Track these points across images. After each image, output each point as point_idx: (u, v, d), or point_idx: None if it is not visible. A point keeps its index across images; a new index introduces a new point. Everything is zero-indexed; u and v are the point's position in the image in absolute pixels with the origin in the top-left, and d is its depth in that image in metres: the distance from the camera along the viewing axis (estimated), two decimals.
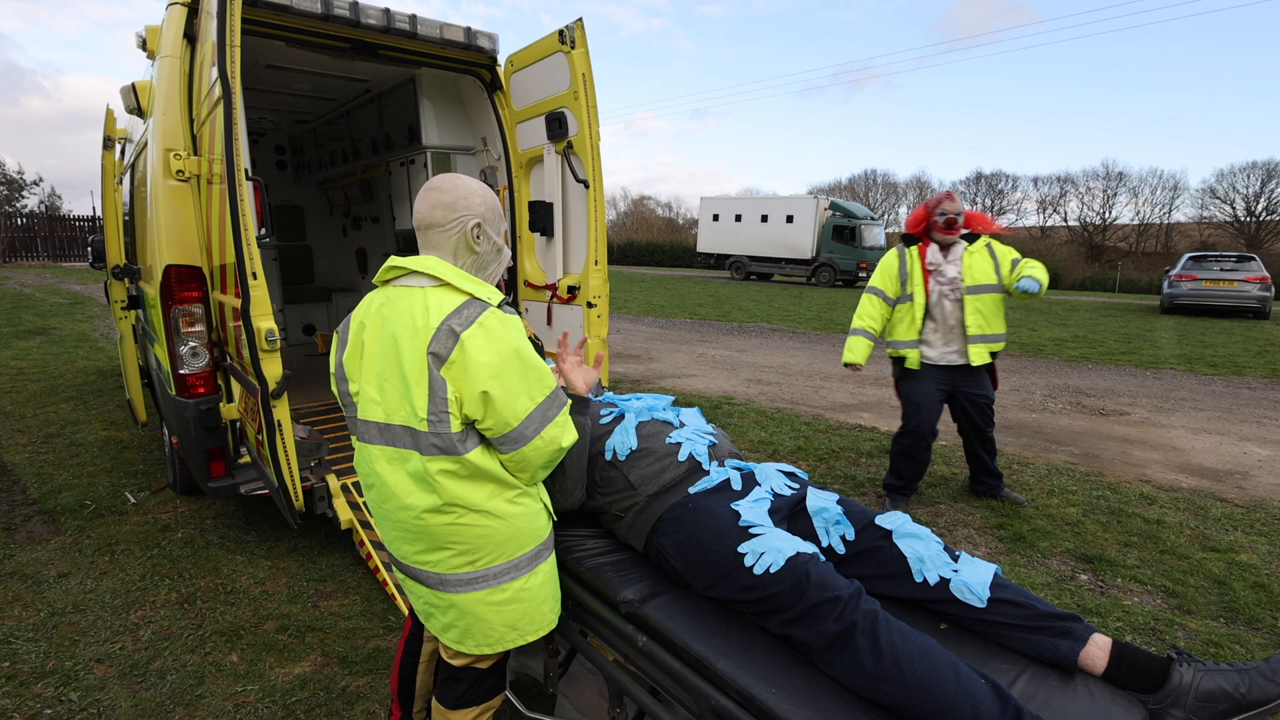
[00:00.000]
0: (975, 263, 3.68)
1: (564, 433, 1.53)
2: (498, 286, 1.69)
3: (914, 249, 3.81)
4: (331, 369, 1.62)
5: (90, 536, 3.53)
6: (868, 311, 3.92)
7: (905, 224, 3.90)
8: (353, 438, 1.60)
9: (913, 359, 3.84)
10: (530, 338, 1.63)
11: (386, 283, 1.55)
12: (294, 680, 2.43)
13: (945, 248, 3.76)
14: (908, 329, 3.83)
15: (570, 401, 1.57)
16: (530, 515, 1.56)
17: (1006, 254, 3.71)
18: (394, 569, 1.65)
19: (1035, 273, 3.55)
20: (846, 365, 3.98)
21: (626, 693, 1.54)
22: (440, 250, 1.53)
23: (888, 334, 3.96)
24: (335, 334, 1.62)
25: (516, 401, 1.42)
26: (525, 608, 1.56)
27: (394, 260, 1.51)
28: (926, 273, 3.74)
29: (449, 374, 1.39)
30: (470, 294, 1.45)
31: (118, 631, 2.72)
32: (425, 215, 1.52)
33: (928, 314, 3.78)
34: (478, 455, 1.46)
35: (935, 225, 3.72)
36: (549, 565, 1.63)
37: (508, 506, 1.51)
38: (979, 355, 3.74)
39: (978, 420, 3.92)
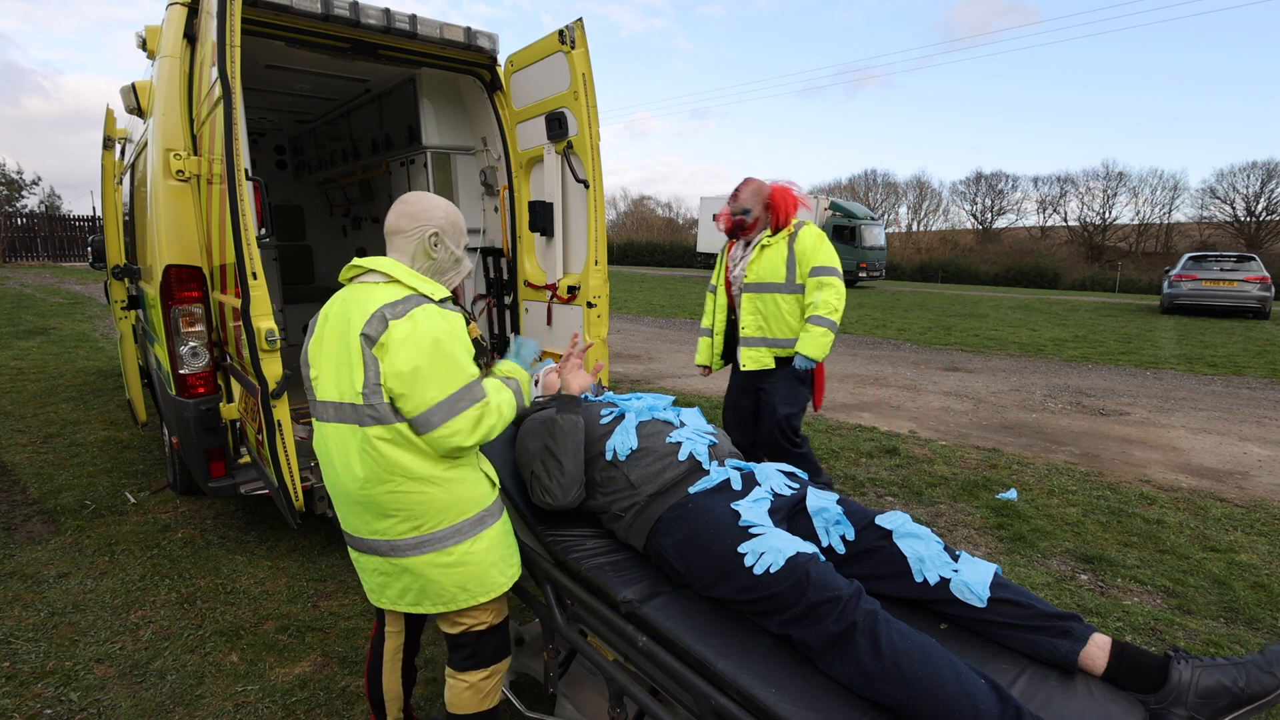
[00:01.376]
0: (766, 257, 3.24)
1: (472, 428, 1.58)
2: (497, 286, 1.72)
3: (729, 244, 3.55)
4: (301, 357, 1.76)
5: (90, 536, 3.53)
6: (706, 309, 3.70)
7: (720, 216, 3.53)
8: (313, 420, 1.72)
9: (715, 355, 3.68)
10: (475, 338, 1.77)
11: (351, 280, 1.70)
12: (294, 680, 2.44)
13: (748, 242, 3.40)
14: (712, 323, 3.61)
15: (486, 400, 1.62)
16: (469, 483, 1.65)
17: (811, 255, 3.18)
18: (349, 550, 1.76)
19: (808, 347, 3.13)
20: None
21: (626, 693, 1.54)
22: (401, 254, 1.70)
23: None
24: (306, 327, 1.77)
25: (427, 390, 1.53)
26: (473, 570, 1.66)
27: (355, 261, 1.69)
28: (727, 269, 3.49)
29: (379, 353, 1.53)
30: (414, 289, 1.61)
31: (118, 631, 2.72)
32: (393, 223, 1.70)
33: (730, 311, 3.51)
34: (407, 427, 1.57)
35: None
36: (495, 531, 1.71)
37: (444, 474, 1.60)
38: (751, 359, 3.33)
39: (770, 434, 3.40)
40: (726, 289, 3.48)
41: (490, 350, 4.37)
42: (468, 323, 1.73)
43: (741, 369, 3.41)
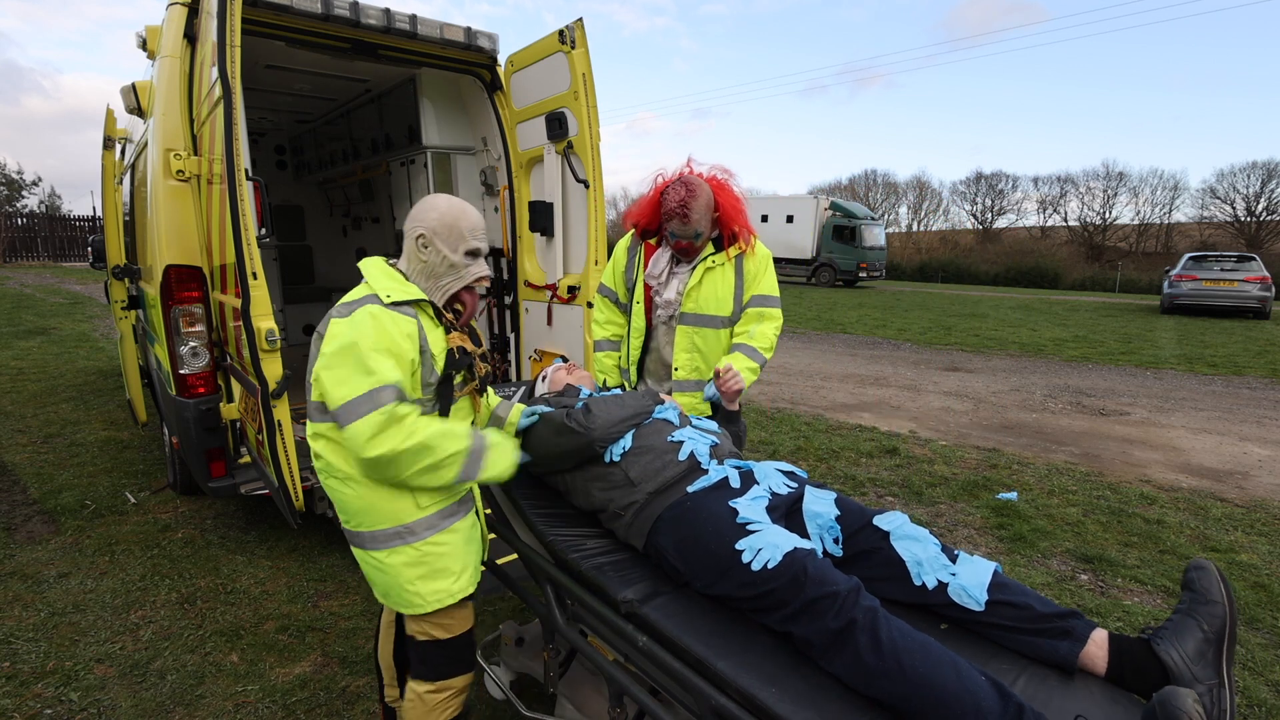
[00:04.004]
0: (710, 283, 2.52)
1: (371, 434, 1.48)
2: (497, 286, 1.67)
3: (643, 247, 2.69)
4: None
5: (90, 536, 3.53)
6: (604, 316, 2.83)
7: (632, 212, 2.67)
8: None
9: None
10: (455, 348, 1.67)
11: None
12: (294, 680, 2.44)
13: (679, 256, 2.59)
14: (623, 352, 2.78)
15: (395, 412, 1.50)
16: (385, 496, 1.61)
17: (756, 279, 2.56)
18: None
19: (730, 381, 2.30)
20: None
21: (626, 693, 1.54)
22: (406, 256, 1.72)
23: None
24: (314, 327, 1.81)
25: (338, 388, 1.53)
26: (389, 580, 1.66)
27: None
28: (648, 288, 2.65)
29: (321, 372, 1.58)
30: (374, 290, 1.60)
31: (118, 631, 2.72)
32: (402, 226, 1.76)
33: (647, 341, 2.72)
34: (333, 425, 1.62)
35: (665, 233, 2.54)
36: (414, 551, 1.64)
37: (360, 477, 1.62)
38: (684, 406, 2.50)
39: None
40: (646, 311, 2.66)
41: (490, 353, 4.34)
42: (449, 331, 1.68)
43: None
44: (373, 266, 1.67)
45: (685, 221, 2.41)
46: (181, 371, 3.13)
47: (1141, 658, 1.34)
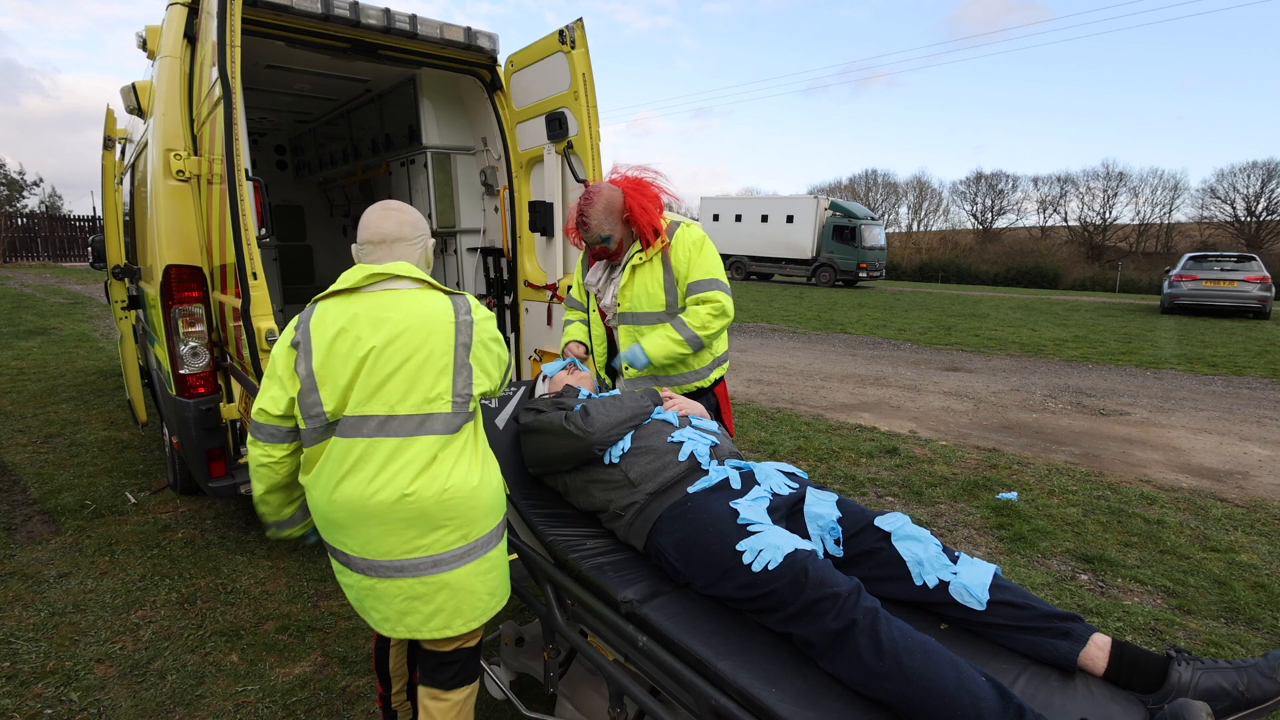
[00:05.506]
0: (640, 281, 2.53)
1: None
2: (497, 286, 1.76)
3: (588, 257, 2.76)
4: (298, 379, 1.54)
5: (90, 536, 3.53)
6: (574, 329, 2.86)
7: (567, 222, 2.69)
8: (335, 438, 1.54)
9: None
10: None
11: (356, 289, 1.58)
12: (294, 680, 2.44)
13: (607, 260, 2.66)
14: (593, 357, 2.84)
15: None
16: (498, 486, 1.71)
17: (687, 267, 2.50)
18: (359, 583, 1.62)
19: (650, 341, 2.45)
20: None
21: (626, 693, 1.54)
22: (407, 261, 1.71)
23: None
24: (290, 348, 1.56)
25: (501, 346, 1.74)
26: (500, 573, 1.72)
27: (373, 269, 1.59)
28: (597, 296, 2.74)
29: (476, 355, 1.62)
30: (447, 291, 1.69)
31: (118, 631, 2.72)
32: (393, 230, 1.68)
33: (612, 343, 2.78)
34: (473, 425, 1.68)
35: None
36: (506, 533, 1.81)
37: (492, 475, 1.68)
38: None
39: None
40: (601, 316, 2.76)
41: None
42: None
43: None
44: (422, 273, 1.68)
45: (586, 229, 2.50)
46: (181, 371, 3.13)
47: (1142, 662, 1.34)
